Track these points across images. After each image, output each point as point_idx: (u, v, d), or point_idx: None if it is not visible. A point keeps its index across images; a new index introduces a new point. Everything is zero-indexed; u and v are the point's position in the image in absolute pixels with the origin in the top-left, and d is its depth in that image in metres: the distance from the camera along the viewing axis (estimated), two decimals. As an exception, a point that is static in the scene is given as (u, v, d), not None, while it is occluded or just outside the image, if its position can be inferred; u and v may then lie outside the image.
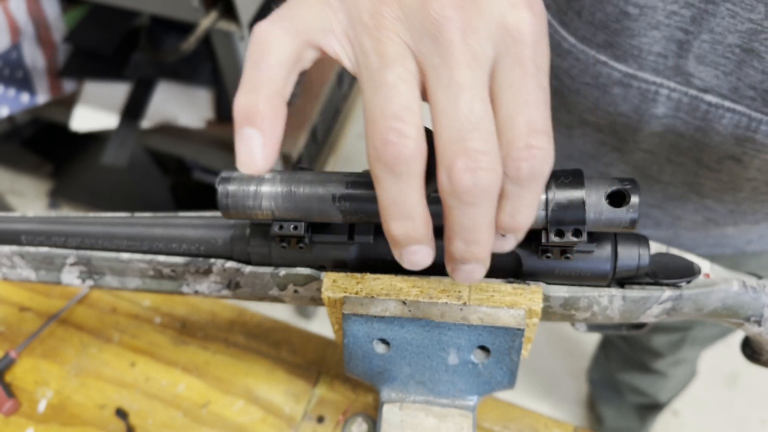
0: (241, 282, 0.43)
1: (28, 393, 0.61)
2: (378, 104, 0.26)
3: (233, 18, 0.89)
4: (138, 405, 0.59)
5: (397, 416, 0.41)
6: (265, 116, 0.26)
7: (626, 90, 0.50)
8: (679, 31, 0.45)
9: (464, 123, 0.25)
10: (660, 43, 0.46)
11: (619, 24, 0.46)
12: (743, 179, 0.52)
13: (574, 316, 0.40)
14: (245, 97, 0.27)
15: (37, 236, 0.45)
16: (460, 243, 0.27)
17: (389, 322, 0.38)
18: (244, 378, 0.60)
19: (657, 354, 1.01)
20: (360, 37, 0.27)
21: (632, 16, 0.45)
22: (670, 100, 0.49)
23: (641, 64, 0.48)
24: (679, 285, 0.39)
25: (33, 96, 1.21)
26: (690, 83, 0.48)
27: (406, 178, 0.26)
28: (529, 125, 0.25)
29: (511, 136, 0.25)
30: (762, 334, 0.43)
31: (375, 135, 0.25)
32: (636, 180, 0.34)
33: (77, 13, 1.24)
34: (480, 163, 0.25)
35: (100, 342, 0.63)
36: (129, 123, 1.18)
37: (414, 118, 0.25)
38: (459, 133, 0.25)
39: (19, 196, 1.85)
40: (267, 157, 0.27)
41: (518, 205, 0.27)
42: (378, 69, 0.26)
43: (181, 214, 0.45)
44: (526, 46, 0.26)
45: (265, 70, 0.27)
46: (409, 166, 0.25)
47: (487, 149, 0.25)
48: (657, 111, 0.50)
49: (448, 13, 0.25)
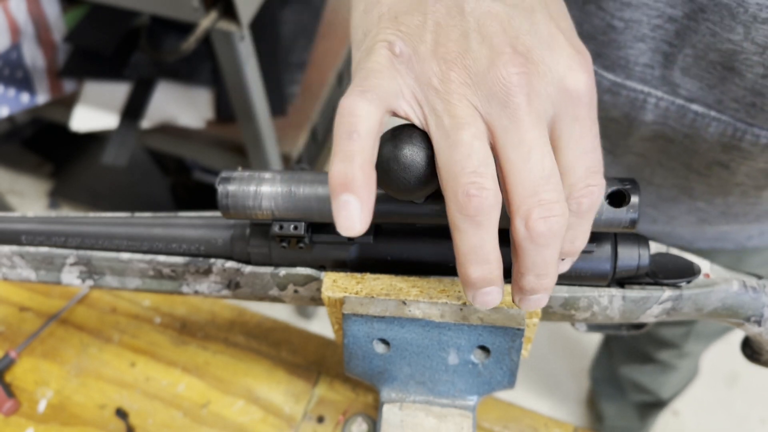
0: (241, 282, 0.43)
1: (28, 393, 0.61)
2: (457, 161, 0.28)
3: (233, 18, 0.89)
4: (138, 405, 0.59)
5: (397, 416, 0.41)
6: (361, 183, 0.28)
7: (615, 98, 0.51)
8: (664, 44, 0.46)
9: (537, 178, 0.28)
10: (646, 54, 0.47)
11: (606, 36, 0.48)
12: (732, 184, 0.54)
13: (574, 316, 0.40)
14: (341, 166, 0.28)
15: (37, 236, 0.45)
16: (532, 278, 0.30)
17: (389, 322, 0.38)
18: (244, 378, 0.60)
19: (663, 344, 1.02)
20: (430, 100, 0.29)
21: (618, 29, 0.47)
22: (658, 108, 0.50)
23: (629, 73, 0.49)
24: (679, 285, 0.39)
25: (33, 96, 1.21)
26: (677, 93, 0.49)
27: (486, 227, 0.28)
28: (588, 169, 0.30)
29: (574, 180, 0.30)
30: (762, 334, 0.43)
31: (457, 190, 0.28)
32: (636, 180, 0.34)
33: (77, 13, 1.24)
34: (553, 212, 0.28)
35: (100, 342, 0.63)
36: (129, 123, 1.18)
37: (491, 172, 0.28)
38: (533, 187, 0.28)
39: (19, 196, 1.85)
40: (364, 220, 0.29)
41: (577, 232, 0.31)
42: (452, 129, 0.28)
43: (181, 214, 0.45)
44: (584, 105, 0.30)
45: (356, 140, 0.29)
46: (488, 216, 0.28)
47: (558, 198, 0.28)
48: (646, 118, 0.51)
49: (515, 80, 0.28)
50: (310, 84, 1.24)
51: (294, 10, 1.31)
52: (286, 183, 0.36)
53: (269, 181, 0.36)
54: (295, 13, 1.30)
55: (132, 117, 1.18)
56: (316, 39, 1.29)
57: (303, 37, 1.27)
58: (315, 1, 1.33)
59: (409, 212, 0.35)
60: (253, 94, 1.01)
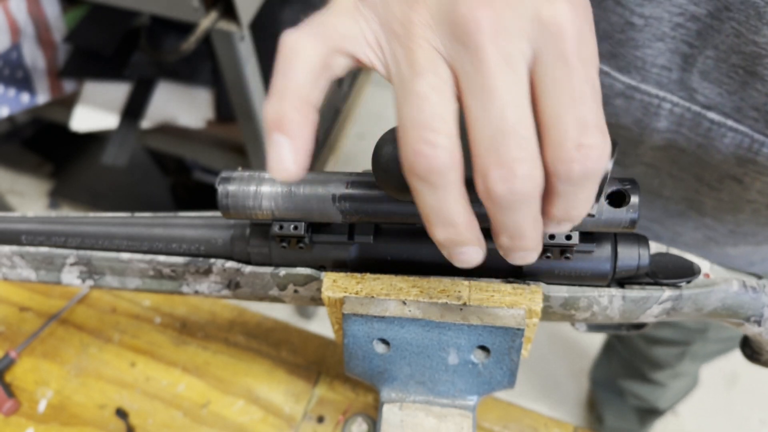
0: (241, 282, 0.43)
1: (28, 393, 0.61)
2: (409, 114, 0.25)
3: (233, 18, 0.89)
4: (138, 405, 0.59)
5: (397, 416, 0.41)
6: (294, 122, 0.26)
7: (628, 102, 0.49)
8: (684, 45, 0.44)
9: (496, 131, 0.24)
10: (664, 55, 0.45)
11: (624, 34, 0.46)
12: (744, 200, 0.51)
13: (574, 316, 0.40)
14: (273, 105, 0.27)
15: (37, 236, 0.45)
16: (506, 239, 0.27)
17: (389, 322, 0.38)
18: (244, 378, 0.60)
19: (657, 365, 1.00)
20: (392, 46, 0.27)
21: (637, 27, 0.45)
22: (673, 114, 0.48)
23: (644, 76, 0.47)
24: (678, 285, 0.39)
25: (33, 96, 1.21)
26: (693, 99, 0.47)
27: (442, 188, 0.25)
28: (579, 122, 0.24)
29: (559, 137, 0.24)
30: (762, 334, 0.43)
31: (407, 146, 0.25)
32: (636, 180, 0.34)
33: (77, 13, 1.24)
34: (515, 172, 0.24)
35: (100, 342, 0.63)
36: (129, 123, 1.18)
37: (446, 127, 0.25)
38: (491, 141, 0.24)
39: (19, 196, 1.85)
40: (298, 162, 0.27)
41: (573, 201, 0.26)
42: (409, 78, 0.26)
43: (181, 214, 0.45)
44: (567, 40, 0.24)
45: (292, 78, 0.27)
46: (443, 177, 0.25)
47: (521, 156, 0.24)
48: (659, 125, 0.49)
49: (476, 14, 0.24)
50: (310, 84, 1.24)
51: (294, 10, 1.31)
52: (287, 183, 0.36)
53: (269, 181, 0.36)
54: (295, 13, 1.30)
55: (132, 117, 1.18)
56: (316, 39, 1.29)
57: (303, 38, 1.28)
58: (315, 2, 1.33)
59: (409, 212, 0.35)
60: (253, 94, 1.01)
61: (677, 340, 0.89)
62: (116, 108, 1.20)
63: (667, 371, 1.01)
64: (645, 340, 0.94)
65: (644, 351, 0.99)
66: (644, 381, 1.11)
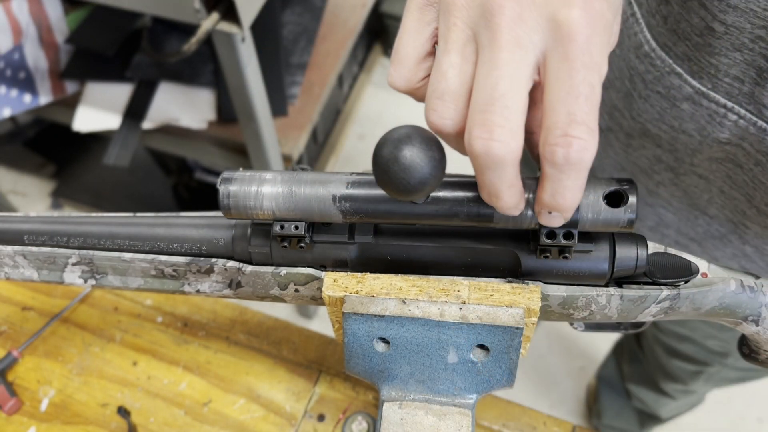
0: (242, 281, 0.43)
1: (30, 392, 0.61)
2: (429, 85, 0.30)
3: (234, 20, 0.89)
4: (140, 403, 0.60)
5: (397, 414, 0.41)
6: None
7: (695, 107, 0.48)
8: (762, 59, 0.43)
9: (487, 96, 0.28)
10: (739, 66, 0.44)
11: (702, 38, 0.45)
12: None
13: (573, 315, 0.40)
14: None
15: (40, 236, 0.46)
16: (485, 195, 0.31)
17: (389, 321, 0.38)
18: (245, 376, 0.61)
19: (671, 377, 0.99)
20: (440, 21, 0.31)
21: (717, 33, 0.44)
22: (737, 126, 0.47)
23: (716, 84, 0.46)
24: (676, 284, 0.40)
25: (35, 97, 1.21)
26: (762, 114, 0.45)
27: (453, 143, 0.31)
28: (569, 116, 0.28)
29: (550, 123, 0.28)
30: (759, 333, 0.43)
31: (426, 108, 0.30)
32: (634, 181, 0.35)
33: (79, 15, 1.24)
34: (493, 135, 0.28)
35: (102, 341, 0.64)
36: (131, 124, 1.18)
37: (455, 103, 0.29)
38: (482, 104, 0.28)
39: (21, 196, 1.85)
40: None
41: (558, 187, 0.29)
42: (440, 53, 0.30)
43: (182, 214, 0.45)
44: (575, 44, 0.28)
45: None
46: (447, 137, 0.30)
47: (503, 123, 0.28)
48: (721, 135, 0.48)
49: (504, 2, 0.28)
50: (310, 85, 1.24)
51: (295, 12, 1.31)
52: (287, 183, 0.36)
53: (270, 181, 0.36)
54: (295, 15, 1.31)
55: (134, 118, 1.18)
56: (316, 40, 1.29)
57: (304, 39, 1.28)
58: (315, 3, 1.33)
59: (409, 212, 0.35)
60: (254, 95, 1.01)
61: (697, 358, 0.87)
62: (118, 109, 1.20)
63: (679, 386, 1.00)
64: (665, 349, 0.93)
65: (662, 361, 0.97)
66: (654, 389, 1.10)
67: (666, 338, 0.89)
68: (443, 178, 0.32)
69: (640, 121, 0.55)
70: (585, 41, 0.28)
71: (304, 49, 1.27)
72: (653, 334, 0.94)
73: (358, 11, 1.35)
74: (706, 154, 0.51)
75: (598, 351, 1.56)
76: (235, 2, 0.86)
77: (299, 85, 1.23)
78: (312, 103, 1.23)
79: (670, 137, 0.53)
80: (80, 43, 1.22)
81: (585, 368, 1.55)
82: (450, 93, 0.30)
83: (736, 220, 0.54)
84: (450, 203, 0.34)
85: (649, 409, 1.20)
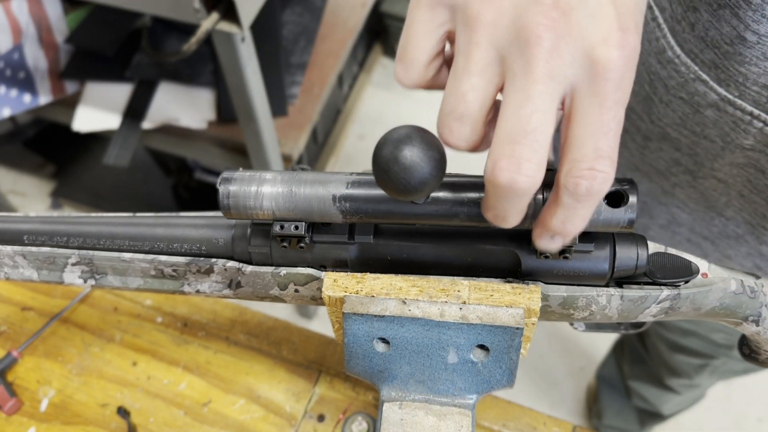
0: (242, 281, 0.43)
1: (30, 392, 0.61)
2: (445, 102, 0.30)
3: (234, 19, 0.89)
4: (140, 404, 0.60)
5: (397, 415, 0.41)
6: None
7: (719, 114, 0.48)
8: None
9: (519, 128, 0.27)
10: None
11: (732, 47, 0.44)
12: None
13: (573, 316, 0.40)
14: None
15: (40, 236, 0.46)
16: (490, 215, 0.31)
17: (389, 321, 0.38)
18: (245, 377, 0.61)
19: (675, 372, 0.99)
20: (458, 31, 0.30)
21: (749, 43, 0.43)
22: (762, 134, 0.46)
23: (743, 92, 0.46)
24: (677, 284, 0.40)
25: (35, 97, 1.21)
26: None
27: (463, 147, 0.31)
28: (596, 151, 0.28)
29: (578, 156, 0.28)
30: (760, 333, 0.43)
31: (438, 123, 0.30)
32: (634, 181, 0.35)
33: (79, 15, 1.24)
34: (521, 168, 0.27)
35: (102, 341, 0.64)
36: (131, 123, 1.18)
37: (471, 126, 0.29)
38: (511, 135, 0.27)
39: (21, 196, 1.85)
40: None
41: (571, 215, 0.30)
42: (461, 71, 0.29)
43: (182, 214, 0.45)
44: (609, 83, 0.28)
45: None
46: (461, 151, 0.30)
47: (531, 157, 0.27)
48: (745, 142, 0.48)
49: (541, 31, 0.27)
50: (310, 85, 1.24)
51: (295, 12, 1.31)
52: (287, 183, 0.36)
53: (270, 181, 0.36)
54: (295, 15, 1.31)
55: (134, 118, 1.18)
56: (316, 40, 1.29)
57: (304, 39, 1.28)
58: (315, 3, 1.33)
59: (409, 212, 0.35)
60: (254, 95, 1.01)
61: (702, 351, 0.87)
62: (118, 109, 1.20)
63: (683, 380, 1.00)
64: (669, 345, 0.93)
65: (665, 356, 0.97)
66: (657, 385, 1.10)
67: (670, 334, 0.89)
68: (443, 178, 0.32)
69: (660, 126, 0.54)
70: (619, 79, 0.28)
71: (304, 49, 1.27)
72: (656, 330, 0.94)
73: (358, 11, 1.35)
74: (727, 160, 0.51)
75: (598, 351, 1.56)
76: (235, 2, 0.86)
77: (299, 85, 1.23)
78: (312, 103, 1.23)
79: (690, 142, 0.53)
80: (80, 43, 1.22)
81: (585, 368, 1.55)
82: (469, 116, 0.29)
83: (755, 222, 0.54)
84: (450, 203, 0.34)
85: (650, 407, 1.20)
